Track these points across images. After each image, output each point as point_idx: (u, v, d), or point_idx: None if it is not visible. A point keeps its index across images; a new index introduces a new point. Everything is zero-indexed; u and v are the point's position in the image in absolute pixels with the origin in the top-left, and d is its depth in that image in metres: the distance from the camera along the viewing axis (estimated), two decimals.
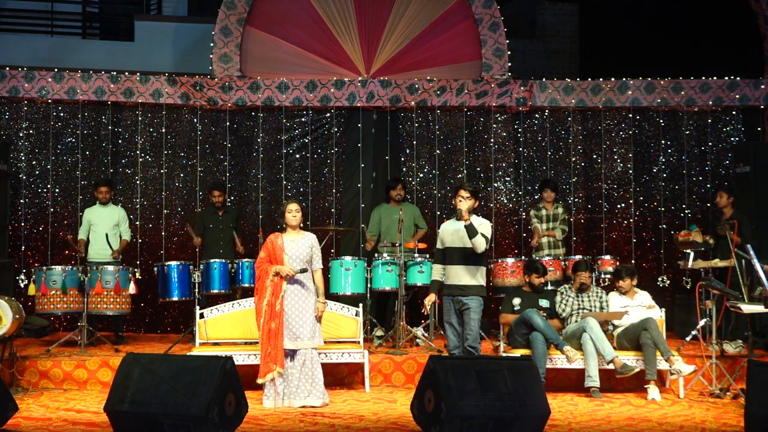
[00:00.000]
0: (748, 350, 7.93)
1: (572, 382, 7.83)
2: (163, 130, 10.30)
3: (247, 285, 8.55)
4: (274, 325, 6.90)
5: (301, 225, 7.18)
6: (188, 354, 7.14)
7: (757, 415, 5.52)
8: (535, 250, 9.42)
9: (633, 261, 10.13)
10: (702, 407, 7.00)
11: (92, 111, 10.28)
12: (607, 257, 9.05)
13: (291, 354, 6.95)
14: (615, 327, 7.90)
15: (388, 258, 8.65)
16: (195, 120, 10.32)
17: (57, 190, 10.16)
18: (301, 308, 6.97)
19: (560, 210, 9.44)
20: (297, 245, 7.04)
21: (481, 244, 6.80)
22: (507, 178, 10.54)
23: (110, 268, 8.60)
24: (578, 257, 9.05)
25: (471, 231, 6.80)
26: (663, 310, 8.00)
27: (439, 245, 7.13)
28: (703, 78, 10.37)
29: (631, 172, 10.46)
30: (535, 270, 8.05)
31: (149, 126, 10.33)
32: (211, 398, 5.34)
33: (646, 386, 7.43)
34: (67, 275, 8.45)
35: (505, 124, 10.55)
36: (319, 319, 7.06)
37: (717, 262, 8.44)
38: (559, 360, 7.58)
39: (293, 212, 7.08)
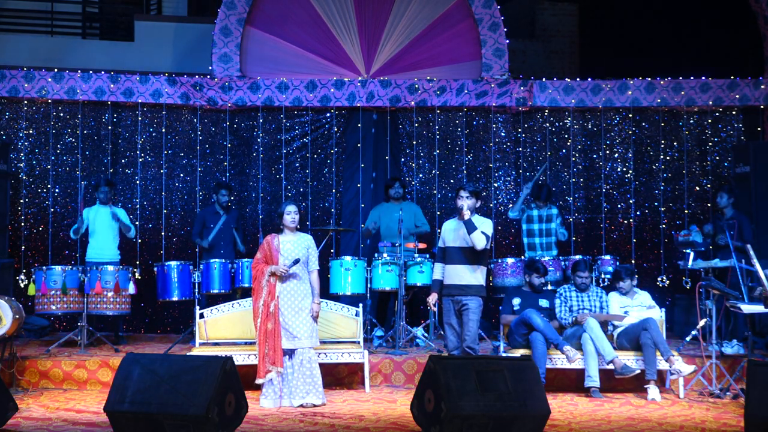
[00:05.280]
0: (748, 350, 7.93)
1: (572, 382, 7.83)
2: (163, 130, 10.30)
3: (247, 285, 8.53)
4: (271, 325, 6.91)
5: (298, 226, 7.19)
6: (188, 354, 7.13)
7: (757, 415, 5.53)
8: (528, 248, 9.34)
9: (633, 261, 10.13)
10: (702, 407, 7.01)
11: (92, 111, 10.28)
12: (607, 257, 9.04)
13: (289, 353, 6.96)
14: (615, 327, 7.90)
15: (388, 258, 8.64)
16: (195, 120, 10.32)
17: (57, 190, 10.16)
18: (297, 308, 6.99)
19: (554, 210, 9.34)
20: (293, 246, 7.05)
21: (480, 241, 6.81)
22: (507, 178, 10.54)
23: (110, 268, 8.59)
24: (578, 257, 9.04)
25: (470, 226, 6.82)
26: (663, 310, 8.00)
27: (440, 244, 7.16)
28: (703, 78, 10.37)
29: (631, 172, 10.46)
30: (535, 270, 8.04)
31: (149, 126, 10.33)
32: (211, 398, 5.35)
33: (646, 386, 7.43)
34: (67, 275, 8.45)
35: (505, 124, 10.55)
36: (315, 319, 7.07)
37: (717, 262, 8.44)
38: (559, 360, 7.58)
39: (292, 214, 7.10)
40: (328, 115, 10.44)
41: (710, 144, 10.50)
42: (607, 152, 10.52)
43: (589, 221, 10.53)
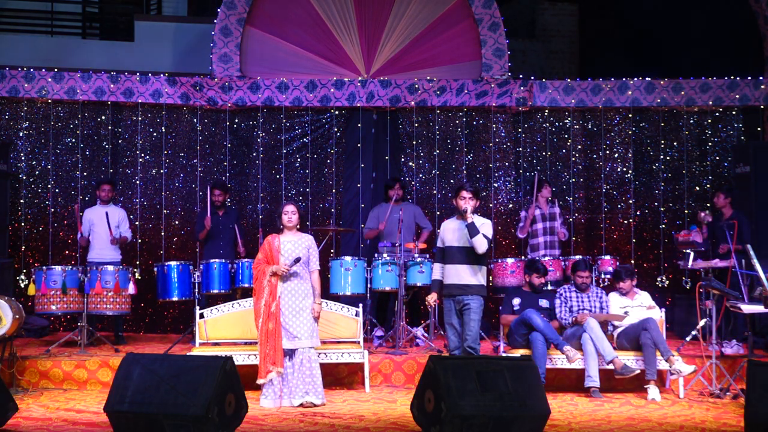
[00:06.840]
0: (748, 350, 7.93)
1: (572, 382, 7.83)
2: (163, 130, 10.30)
3: (247, 285, 8.53)
4: (272, 325, 6.92)
5: (299, 226, 7.19)
6: (188, 354, 7.14)
7: (757, 415, 5.52)
8: (531, 249, 9.36)
9: (633, 261, 10.13)
10: (702, 407, 7.00)
11: (92, 111, 10.28)
12: (607, 257, 9.04)
13: (289, 354, 6.96)
14: (615, 327, 7.90)
15: (388, 258, 8.64)
16: (195, 120, 10.32)
17: (57, 190, 10.16)
18: (298, 308, 6.98)
19: (557, 210, 9.36)
20: (294, 246, 7.05)
21: (481, 245, 6.81)
22: (507, 178, 10.54)
23: (110, 268, 8.59)
24: (578, 257, 9.04)
25: (472, 230, 6.80)
26: (663, 310, 7.99)
27: (439, 244, 7.14)
28: (703, 78, 10.37)
29: (631, 172, 10.46)
30: (535, 270, 8.04)
31: (149, 126, 10.33)
32: (211, 398, 5.34)
33: (646, 386, 7.43)
34: (67, 275, 8.45)
35: (505, 124, 10.55)
36: (316, 319, 7.07)
37: (717, 262, 8.44)
38: (559, 360, 7.58)
39: (289, 214, 7.09)
40: (328, 115, 10.44)
41: (710, 144, 10.50)
42: (607, 152, 10.52)
43: (589, 221, 10.53)
